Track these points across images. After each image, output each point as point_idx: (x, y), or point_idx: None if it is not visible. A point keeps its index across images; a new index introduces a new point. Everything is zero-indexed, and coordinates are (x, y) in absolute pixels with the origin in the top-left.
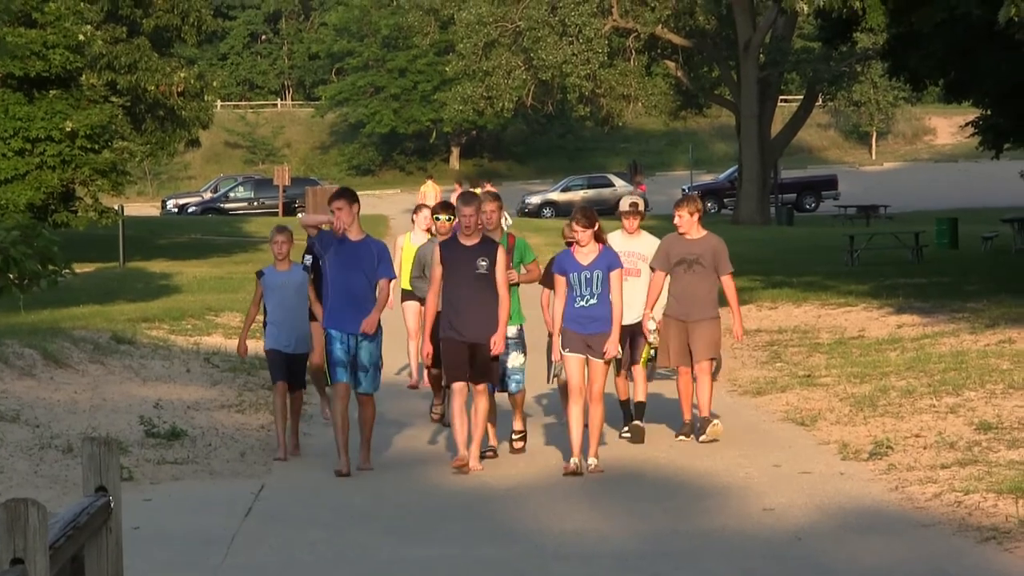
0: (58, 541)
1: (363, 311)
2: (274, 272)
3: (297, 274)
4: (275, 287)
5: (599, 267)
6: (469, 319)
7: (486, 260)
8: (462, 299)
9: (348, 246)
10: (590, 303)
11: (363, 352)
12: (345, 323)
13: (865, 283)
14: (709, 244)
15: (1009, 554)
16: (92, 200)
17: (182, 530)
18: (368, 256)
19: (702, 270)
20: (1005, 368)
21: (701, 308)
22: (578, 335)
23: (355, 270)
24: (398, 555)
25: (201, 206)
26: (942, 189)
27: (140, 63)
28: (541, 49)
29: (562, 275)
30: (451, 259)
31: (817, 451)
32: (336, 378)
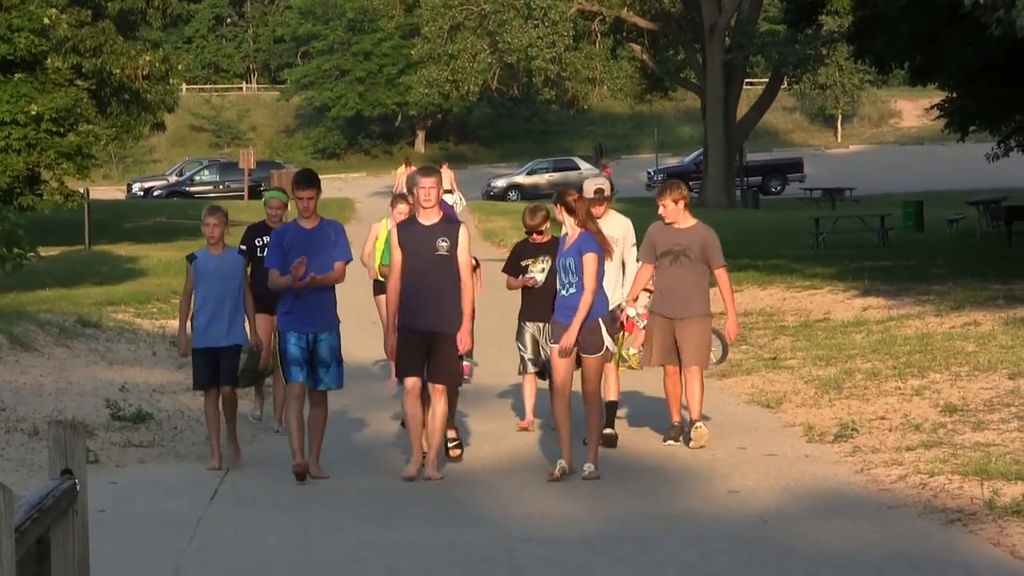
0: (23, 524)
1: (323, 307)
2: (207, 256)
3: (232, 258)
4: (208, 272)
5: (572, 254)
6: (428, 307)
7: (447, 240)
8: (421, 284)
9: (303, 236)
10: (571, 292)
11: (323, 347)
12: (303, 323)
13: (831, 266)
14: (697, 235)
15: (974, 536)
16: (58, 184)
17: (148, 513)
18: (325, 242)
19: (689, 263)
20: (970, 350)
21: (689, 305)
22: (565, 326)
23: (312, 262)
24: (364, 539)
25: (166, 189)
26: (908, 172)
27: (105, 46)
28: (506, 32)
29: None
30: (409, 241)
31: (782, 433)
32: (292, 378)
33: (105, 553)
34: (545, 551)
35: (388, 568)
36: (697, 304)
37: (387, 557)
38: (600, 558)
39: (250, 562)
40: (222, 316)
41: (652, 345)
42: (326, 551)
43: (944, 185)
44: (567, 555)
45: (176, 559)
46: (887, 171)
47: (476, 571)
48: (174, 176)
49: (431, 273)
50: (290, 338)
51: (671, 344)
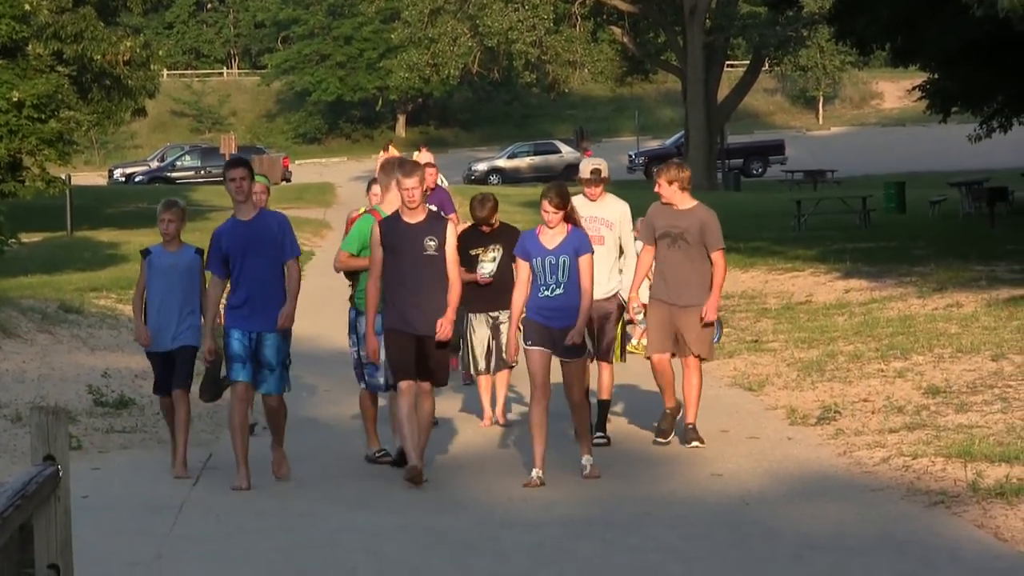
0: (6, 511)
1: (269, 303)
2: (162, 253)
3: (188, 256)
4: (162, 269)
5: (566, 252)
6: (419, 309)
7: (435, 239)
8: (409, 286)
9: (242, 233)
10: (556, 293)
11: (267, 348)
12: (247, 320)
13: (812, 248)
14: (696, 217)
15: (957, 518)
16: (39, 170)
17: (131, 499)
18: (268, 234)
19: (687, 247)
20: (953, 332)
21: (690, 292)
22: (543, 327)
23: (257, 256)
24: (345, 523)
25: (148, 175)
26: (889, 154)
27: (86, 32)
28: (487, 16)
29: (525, 259)
30: (394, 240)
31: (765, 416)
32: (233, 376)
33: (88, 538)
34: (528, 535)
35: (369, 551)
36: (696, 292)
37: (368, 541)
38: (583, 542)
39: (232, 547)
40: (175, 317)
41: (651, 332)
42: (308, 535)
43: (926, 166)
44: (550, 539)
45: (159, 544)
46: (869, 153)
47: (458, 555)
48: (155, 162)
49: (419, 274)
50: (233, 334)
51: (670, 331)
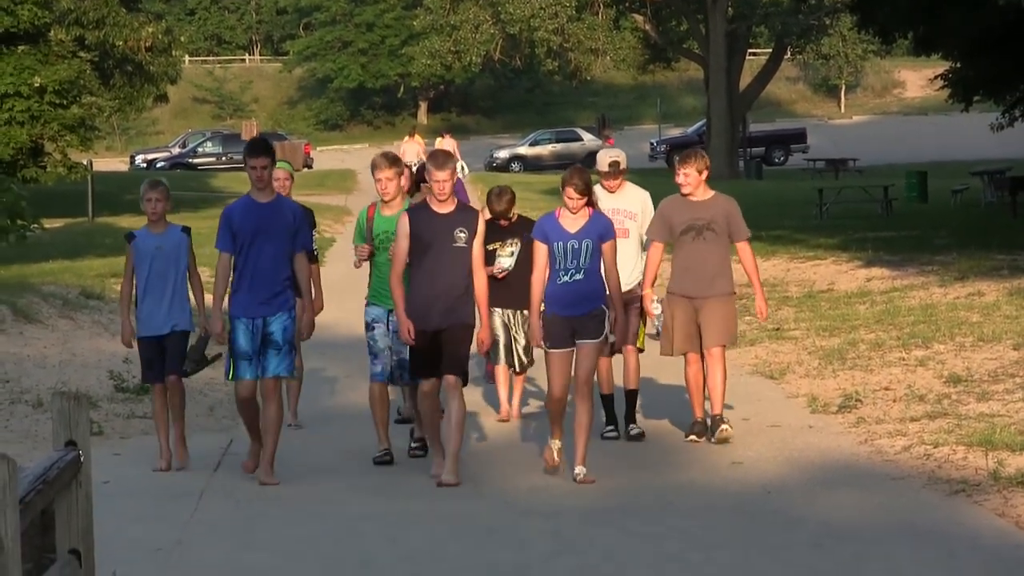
0: (28, 495)
1: (272, 289)
2: (147, 235)
3: (174, 235)
4: (148, 252)
5: (589, 236)
6: (440, 304)
7: (465, 231)
8: (435, 277)
9: (256, 212)
10: (575, 279)
11: (275, 327)
12: (251, 307)
13: (834, 237)
14: (720, 206)
15: (979, 507)
16: (61, 155)
17: (151, 484)
18: (282, 220)
19: (714, 237)
20: (975, 321)
21: (714, 283)
22: (563, 319)
23: (266, 241)
24: (366, 510)
25: (169, 161)
26: (912, 142)
27: (108, 18)
28: (509, 3)
29: (544, 243)
30: (423, 230)
31: (786, 404)
32: (239, 374)
33: (109, 524)
34: (548, 523)
35: (389, 538)
36: (723, 282)
37: (388, 527)
38: (602, 529)
39: (252, 533)
40: (165, 300)
41: (673, 333)
42: (328, 522)
43: (948, 155)
44: (568, 527)
45: (179, 530)
46: (891, 141)
47: (479, 542)
48: (177, 148)
49: (446, 266)
50: (239, 327)
51: (694, 330)
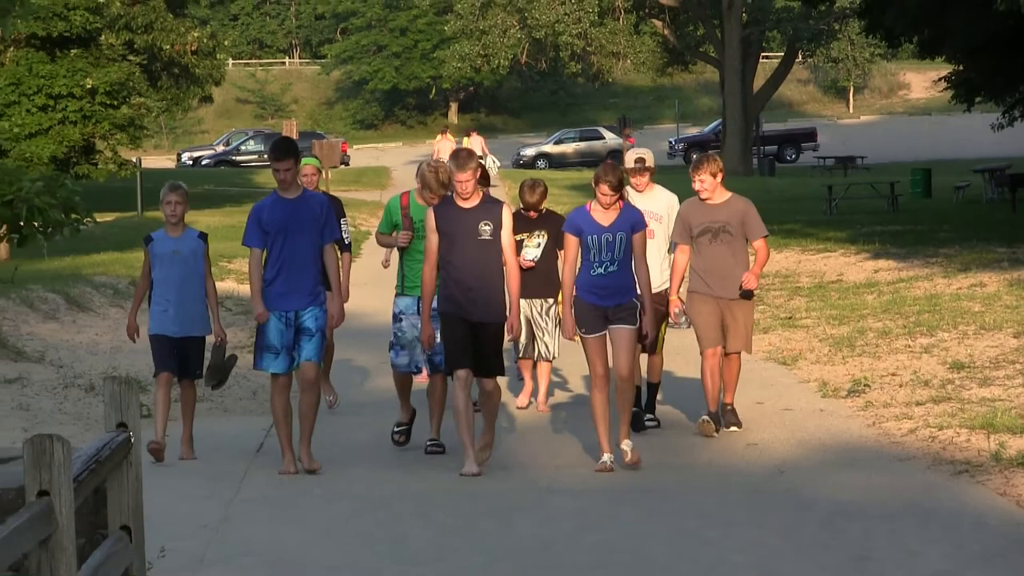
0: (81, 474)
1: (304, 283)
2: (164, 238)
3: (191, 240)
4: (165, 255)
5: (622, 228)
6: (474, 296)
7: (490, 224)
8: (465, 272)
9: (283, 209)
10: (610, 271)
11: (306, 317)
12: (283, 299)
13: (843, 230)
14: (736, 208)
15: (981, 487)
16: (111, 153)
17: (198, 465)
18: (310, 214)
19: (731, 239)
20: (976, 310)
21: (734, 284)
22: (596, 308)
23: (296, 236)
24: (400, 489)
25: (214, 159)
26: (916, 141)
27: (156, 23)
28: (535, 9)
29: (576, 235)
30: (448, 225)
31: (798, 389)
32: (262, 365)
33: (158, 502)
34: (572, 501)
35: (422, 515)
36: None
37: (421, 505)
38: (624, 508)
39: (293, 511)
40: (180, 304)
41: (703, 328)
42: (365, 501)
43: (951, 154)
44: (593, 504)
45: (225, 508)
46: (896, 140)
47: (506, 518)
48: (221, 146)
49: (473, 260)
50: (271, 320)
51: (719, 323)
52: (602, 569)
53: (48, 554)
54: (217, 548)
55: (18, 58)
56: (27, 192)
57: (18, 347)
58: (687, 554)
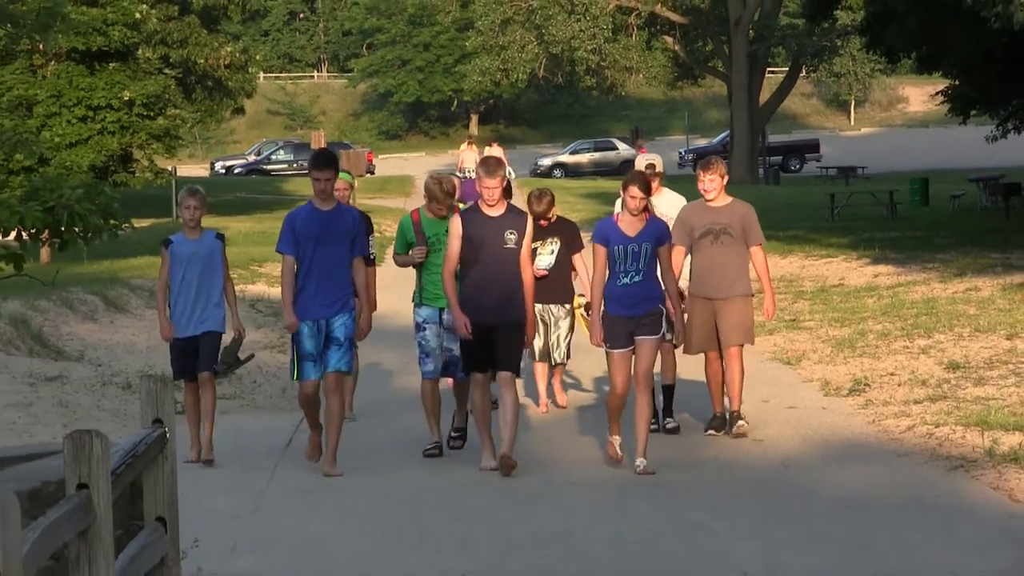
0: (119, 468)
1: (337, 294)
2: (183, 240)
3: (209, 241)
4: (183, 257)
5: (647, 239)
6: (494, 299)
7: (515, 233)
8: (489, 276)
9: (317, 219)
10: (635, 280)
11: (337, 327)
12: (315, 309)
13: (845, 236)
14: (738, 212)
15: (976, 481)
16: (148, 162)
17: (230, 458)
18: (342, 228)
19: (731, 241)
20: (972, 313)
21: (732, 284)
22: (623, 320)
23: (328, 246)
24: (425, 481)
25: (246, 167)
26: (914, 152)
27: (190, 39)
28: (552, 26)
29: (604, 246)
30: (475, 231)
31: (802, 388)
32: (304, 375)
33: (192, 495)
34: (586, 494)
35: (444, 508)
36: (741, 283)
37: (443, 499)
38: (635, 500)
39: (322, 503)
40: (198, 303)
41: (693, 331)
42: (388, 494)
43: (947, 164)
44: (605, 497)
45: (254, 500)
46: (895, 151)
47: (524, 510)
48: (252, 156)
49: (498, 266)
50: (303, 329)
51: (712, 328)
52: (615, 558)
53: (87, 544)
54: (248, 538)
55: (59, 71)
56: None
57: (58, 346)
58: (696, 545)
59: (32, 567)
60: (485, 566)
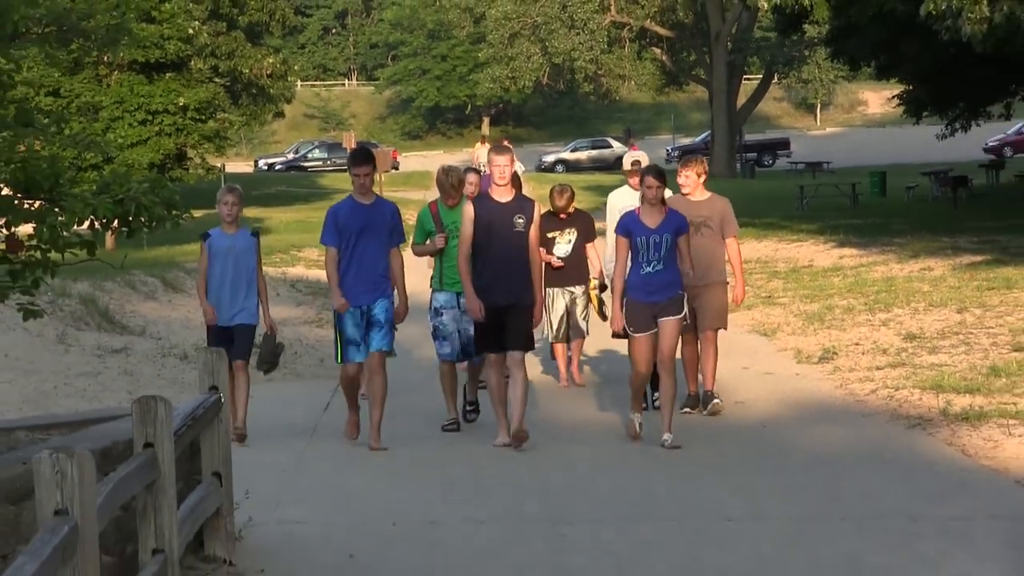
0: (180, 429)
1: (376, 281)
2: (221, 235)
3: (244, 239)
4: (220, 251)
5: (667, 231)
6: (505, 280)
7: (523, 217)
8: (500, 260)
9: (359, 212)
10: (657, 269)
11: (377, 310)
12: (357, 296)
13: (813, 223)
14: (716, 206)
15: (931, 437)
16: (200, 160)
17: (275, 421)
18: (381, 219)
19: (710, 232)
20: (926, 290)
21: (709, 272)
22: (645, 305)
23: (368, 237)
24: (446, 446)
25: (285, 164)
26: (873, 149)
27: (237, 51)
28: (554, 39)
29: (626, 237)
30: (486, 216)
31: (777, 356)
32: (348, 357)
33: (242, 452)
34: (589, 450)
35: (465, 463)
36: (717, 271)
37: (466, 457)
38: (632, 456)
39: (355, 460)
40: (234, 295)
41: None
42: (416, 453)
43: (902, 159)
44: (606, 453)
45: (297, 457)
46: (856, 148)
47: (537, 466)
48: (291, 154)
49: (507, 249)
50: (346, 315)
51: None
52: (616, 505)
53: (152, 496)
54: (291, 490)
55: (121, 80)
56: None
57: (123, 323)
58: (687, 494)
59: (105, 517)
60: (501, 512)
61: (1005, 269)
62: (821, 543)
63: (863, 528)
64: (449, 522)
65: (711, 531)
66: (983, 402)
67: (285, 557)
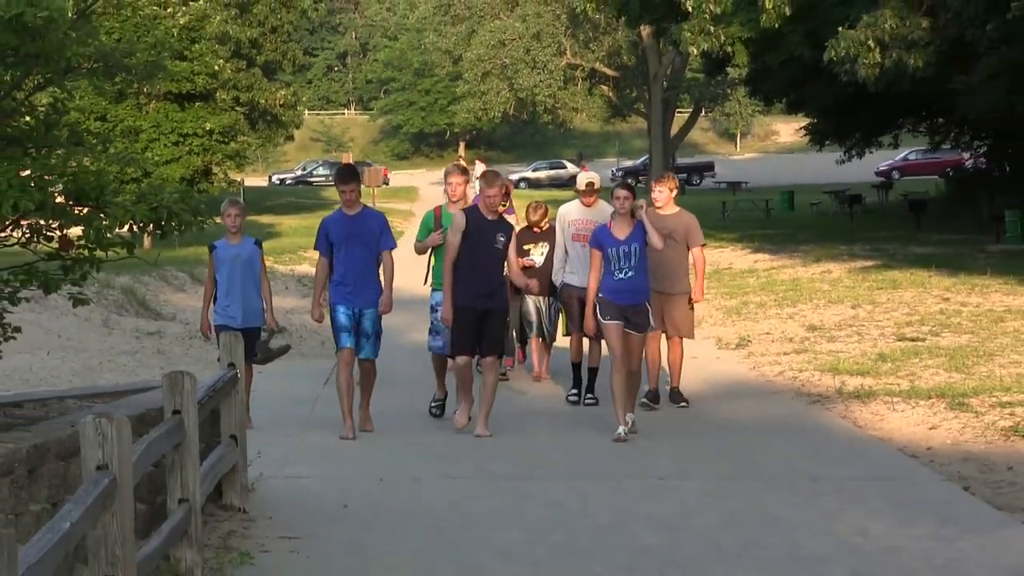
0: (203, 399)
1: (365, 284)
2: (226, 246)
3: (248, 248)
4: (226, 260)
5: (636, 240)
6: (482, 290)
7: (504, 236)
8: (478, 269)
9: (346, 223)
10: (628, 276)
11: (366, 321)
12: (350, 298)
13: (733, 233)
14: (682, 220)
15: (829, 412)
16: (223, 175)
17: (281, 393)
18: (366, 228)
19: (675, 244)
20: (826, 289)
21: (675, 282)
22: (616, 305)
23: (355, 244)
24: (429, 421)
25: (294, 180)
26: (783, 171)
27: (255, 85)
28: (519, 77)
29: (599, 249)
30: (475, 231)
31: (702, 344)
32: (341, 344)
33: (255, 417)
34: (546, 421)
35: (442, 430)
36: (682, 281)
37: (443, 427)
38: (583, 428)
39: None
40: (240, 300)
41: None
42: (401, 421)
43: (808, 180)
44: (562, 426)
45: (302, 423)
46: (769, 171)
47: (502, 435)
48: (299, 171)
49: (488, 261)
50: (340, 309)
51: (659, 313)
52: (567, 464)
53: (179, 455)
54: (296, 452)
55: (158, 108)
56: (168, 201)
57: (157, 310)
58: (626, 457)
59: (140, 472)
60: (471, 471)
61: (892, 272)
62: (737, 498)
63: (772, 486)
64: (428, 479)
65: (644, 488)
66: (872, 383)
67: (290, 506)
